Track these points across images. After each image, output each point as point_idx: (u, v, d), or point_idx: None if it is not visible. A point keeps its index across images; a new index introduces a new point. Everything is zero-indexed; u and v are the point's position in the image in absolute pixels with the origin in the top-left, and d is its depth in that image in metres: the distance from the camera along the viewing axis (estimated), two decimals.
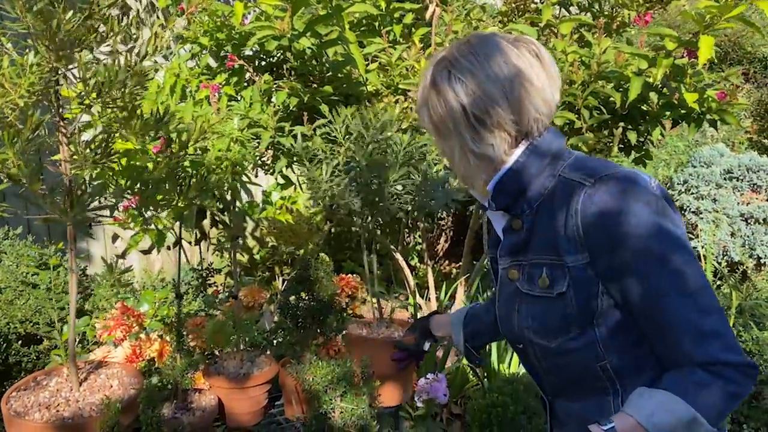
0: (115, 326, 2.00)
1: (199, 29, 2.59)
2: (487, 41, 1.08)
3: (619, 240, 0.98)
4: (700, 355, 0.95)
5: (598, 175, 1.02)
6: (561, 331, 1.07)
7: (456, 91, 1.06)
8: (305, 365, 1.66)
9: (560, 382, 1.16)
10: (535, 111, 1.06)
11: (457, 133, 1.08)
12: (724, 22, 1.87)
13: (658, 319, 0.99)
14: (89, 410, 1.46)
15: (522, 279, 1.11)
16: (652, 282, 0.97)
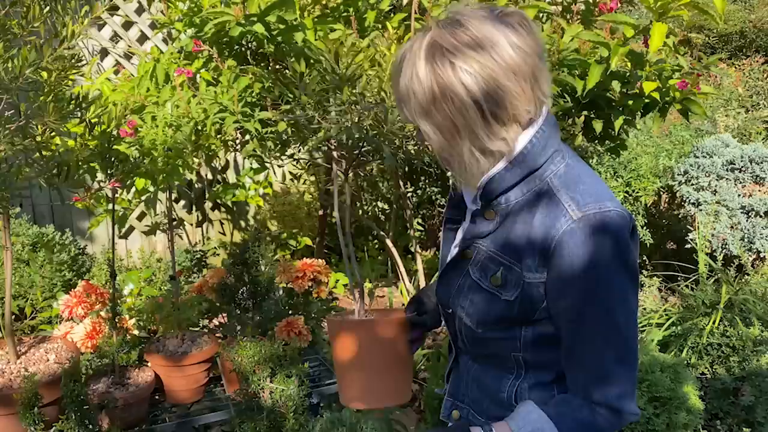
0: (77, 303, 2.07)
1: (175, 14, 2.63)
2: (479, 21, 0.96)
3: (579, 279, 0.98)
4: (596, 396, 1.01)
5: (585, 209, 0.98)
6: (492, 324, 1.09)
7: (465, 82, 0.94)
8: (235, 346, 1.70)
9: (472, 350, 1.18)
10: (543, 95, 0.99)
11: (467, 131, 0.98)
12: (678, 10, 1.82)
13: (579, 352, 1.03)
14: (20, 382, 1.53)
15: (474, 264, 1.10)
16: (589, 325, 1.01)
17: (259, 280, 1.82)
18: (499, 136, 0.98)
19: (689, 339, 3.22)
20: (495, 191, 1.03)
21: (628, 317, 1.01)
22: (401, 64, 1.00)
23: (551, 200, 1.00)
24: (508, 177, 1.02)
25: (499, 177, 1.02)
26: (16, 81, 1.30)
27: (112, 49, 3.97)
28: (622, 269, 0.99)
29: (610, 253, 0.97)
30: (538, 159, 1.01)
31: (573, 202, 0.98)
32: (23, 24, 1.38)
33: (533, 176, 1.02)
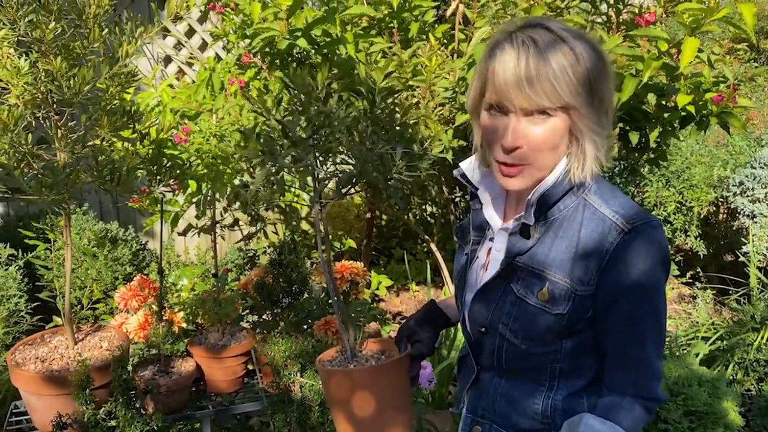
0: (132, 296, 2.24)
1: (230, 26, 2.79)
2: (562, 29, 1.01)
3: (632, 288, 1.05)
4: (646, 391, 1.08)
5: (633, 222, 1.04)
6: (538, 339, 1.12)
7: (588, 62, 0.99)
8: (269, 341, 1.82)
9: (504, 366, 1.18)
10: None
11: (609, 113, 1.05)
12: (709, 25, 1.83)
13: (630, 353, 1.09)
14: (75, 366, 1.69)
15: (515, 281, 1.12)
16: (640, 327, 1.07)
17: (293, 280, 1.94)
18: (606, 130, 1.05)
19: (736, 354, 3.16)
20: (546, 204, 1.07)
21: (662, 316, 1.09)
22: (543, 47, 0.99)
23: (594, 214, 1.06)
24: (556, 191, 1.06)
25: (552, 190, 1.05)
26: (77, 96, 1.46)
27: (176, 56, 4.20)
28: (664, 273, 1.07)
29: (659, 259, 1.05)
30: (575, 180, 1.05)
31: (619, 216, 1.04)
32: (85, 44, 1.54)
33: (570, 192, 1.07)
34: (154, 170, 1.68)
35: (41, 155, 1.58)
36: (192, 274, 3.39)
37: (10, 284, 2.84)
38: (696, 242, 4.22)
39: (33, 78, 1.52)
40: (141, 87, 3.86)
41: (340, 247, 4.33)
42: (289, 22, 2.25)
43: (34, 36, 1.45)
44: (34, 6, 1.44)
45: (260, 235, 4.78)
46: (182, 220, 4.57)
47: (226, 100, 2.57)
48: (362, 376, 1.21)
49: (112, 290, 3.50)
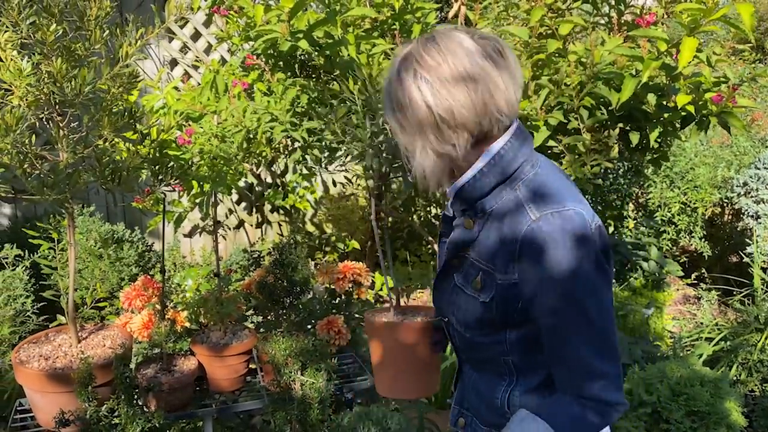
0: (136, 296, 2.26)
1: (234, 29, 2.82)
2: (452, 38, 1.08)
3: (547, 278, 1.06)
4: (582, 390, 1.07)
5: (544, 210, 1.06)
6: (477, 328, 1.18)
7: (421, 89, 1.06)
8: (270, 340, 1.84)
9: (468, 356, 1.28)
10: (498, 112, 1.08)
11: (420, 131, 1.09)
12: (708, 25, 1.83)
13: (559, 350, 1.10)
14: (78, 363, 1.71)
15: (459, 272, 1.20)
16: (562, 321, 1.07)
17: (295, 280, 1.96)
18: (449, 141, 1.08)
19: (739, 355, 3.15)
20: (470, 197, 1.13)
21: (600, 310, 1.06)
22: (389, 67, 1.14)
23: (517, 205, 1.09)
24: (480, 184, 1.11)
25: (471, 183, 1.11)
26: (78, 97, 1.48)
27: (181, 59, 4.23)
28: (585, 264, 1.04)
29: (570, 248, 1.04)
30: (508, 168, 1.10)
31: (534, 205, 1.07)
32: (86, 46, 1.57)
33: (505, 184, 1.11)
34: (156, 170, 1.70)
35: (45, 156, 1.60)
36: (197, 275, 3.41)
37: (16, 284, 2.88)
38: (700, 243, 4.21)
39: (36, 79, 1.54)
40: (147, 90, 3.89)
41: (344, 248, 4.35)
42: (291, 24, 2.27)
43: (37, 38, 1.48)
44: (36, 8, 1.46)
45: (265, 237, 4.81)
46: (188, 221, 4.61)
47: (229, 102, 2.59)
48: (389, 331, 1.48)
49: (118, 291, 3.53)
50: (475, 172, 1.11)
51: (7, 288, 2.76)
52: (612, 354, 1.08)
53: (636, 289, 3.88)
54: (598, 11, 2.64)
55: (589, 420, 1.06)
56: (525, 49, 2.29)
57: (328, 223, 4.91)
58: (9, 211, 4.03)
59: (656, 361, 2.89)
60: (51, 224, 2.30)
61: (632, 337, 3.40)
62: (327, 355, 1.83)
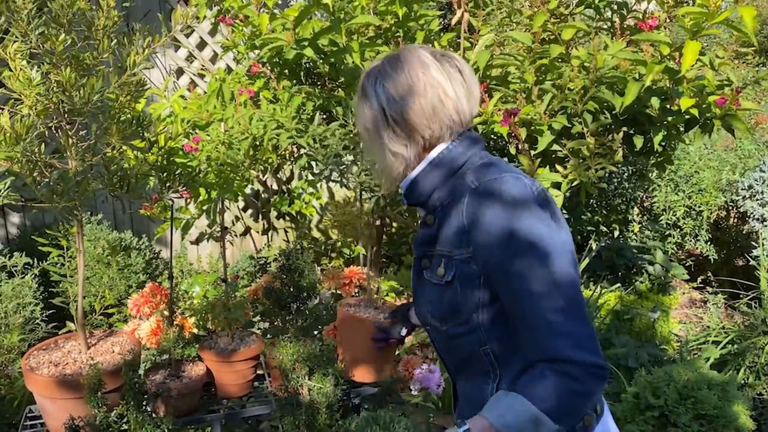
0: (144, 303, 2.27)
1: (239, 37, 2.84)
2: (413, 54, 1.22)
3: (493, 240, 1.09)
4: (548, 352, 1.04)
5: (484, 178, 1.14)
6: (450, 317, 1.20)
7: (378, 94, 1.21)
8: (277, 345, 1.85)
9: (453, 364, 1.29)
10: (448, 120, 1.19)
11: (378, 134, 1.23)
12: (710, 29, 1.84)
13: (519, 315, 1.09)
14: (88, 369, 1.73)
15: (429, 269, 1.24)
16: (515, 281, 1.08)
17: (302, 285, 1.97)
18: (401, 142, 1.21)
19: (747, 358, 3.15)
20: (420, 192, 1.23)
21: (553, 267, 1.06)
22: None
23: (464, 188, 1.17)
24: (428, 178, 1.21)
25: (418, 178, 1.22)
26: (87, 106, 1.50)
27: (187, 68, 4.26)
28: (527, 219, 1.08)
29: (509, 206, 1.09)
30: (455, 162, 1.20)
31: (474, 178, 1.16)
32: (94, 55, 1.59)
33: (455, 177, 1.19)
34: (163, 177, 1.72)
35: (54, 164, 1.62)
36: (204, 282, 3.43)
37: (25, 292, 2.90)
38: (706, 246, 4.21)
39: (45, 89, 1.56)
40: (154, 98, 3.92)
41: (349, 253, 4.36)
42: (296, 32, 2.30)
43: (45, 48, 1.50)
44: (45, 19, 1.48)
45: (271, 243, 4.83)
46: (194, 228, 4.63)
47: (235, 110, 2.62)
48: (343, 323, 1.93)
49: (126, 298, 3.55)
50: (420, 169, 1.22)
51: (17, 296, 2.78)
52: (574, 312, 1.04)
53: (642, 293, 3.87)
54: (601, 16, 2.65)
55: (565, 385, 1.01)
56: (528, 55, 2.30)
57: (333, 228, 4.93)
58: (18, 219, 4.06)
59: (663, 365, 2.89)
60: (60, 232, 2.32)
61: (638, 340, 3.40)
62: (334, 360, 1.84)
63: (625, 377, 2.95)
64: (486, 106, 2.24)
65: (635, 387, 2.57)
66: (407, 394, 2.64)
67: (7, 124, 1.42)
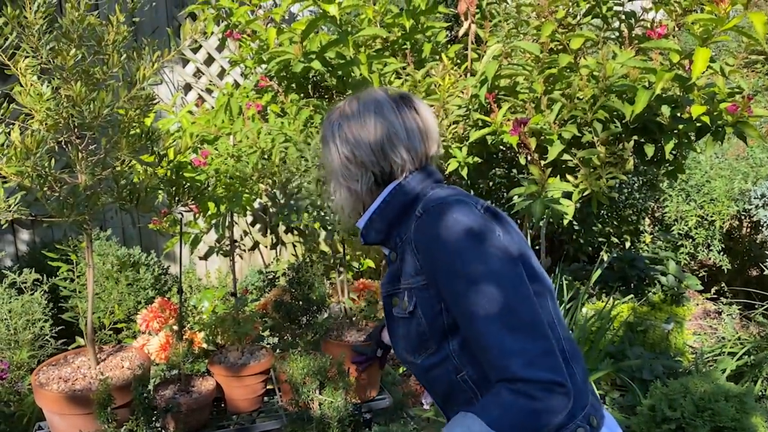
0: (153, 318, 2.26)
1: (246, 52, 2.85)
2: (371, 97, 1.27)
3: (439, 263, 1.10)
4: (502, 372, 1.01)
5: (428, 205, 1.16)
6: (421, 348, 1.19)
7: (334, 135, 1.26)
8: (288, 359, 1.83)
9: (439, 396, 1.26)
10: (399, 158, 1.23)
11: (332, 169, 1.28)
12: (720, 35, 1.83)
13: (473, 336, 1.07)
14: (98, 385, 1.72)
15: (397, 305, 1.24)
16: (464, 304, 1.06)
17: (311, 299, 1.95)
18: (354, 178, 1.25)
19: (764, 370, 3.09)
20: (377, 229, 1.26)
21: (502, 286, 1.04)
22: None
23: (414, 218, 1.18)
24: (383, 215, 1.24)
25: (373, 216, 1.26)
26: (96, 120, 1.50)
27: (195, 84, 4.29)
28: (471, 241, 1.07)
29: (451, 228, 1.09)
30: (408, 196, 1.22)
31: (420, 206, 1.17)
32: (104, 69, 1.59)
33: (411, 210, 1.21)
34: (172, 191, 1.71)
35: (64, 178, 1.62)
36: (213, 297, 3.42)
37: (35, 309, 2.90)
38: (719, 257, 4.16)
39: (55, 103, 1.56)
40: (162, 114, 3.94)
41: (358, 266, 4.34)
42: (304, 46, 2.30)
43: (56, 63, 1.50)
44: (55, 34, 1.49)
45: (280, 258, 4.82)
46: (203, 244, 4.63)
47: (244, 124, 2.62)
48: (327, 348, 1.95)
49: (135, 314, 3.54)
50: (375, 207, 1.25)
51: (26, 312, 2.77)
52: (527, 329, 1.02)
53: (655, 304, 3.83)
54: (609, 26, 2.65)
55: (520, 404, 0.99)
56: (536, 64, 2.30)
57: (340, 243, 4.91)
58: (27, 236, 4.07)
59: (678, 377, 2.84)
60: (69, 246, 2.31)
61: (653, 352, 3.36)
62: (345, 373, 1.82)
63: (640, 389, 2.91)
64: (495, 116, 2.23)
65: (651, 399, 2.53)
66: (418, 408, 2.61)
67: (18, 139, 1.42)
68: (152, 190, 1.61)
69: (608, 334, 3.30)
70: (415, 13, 2.64)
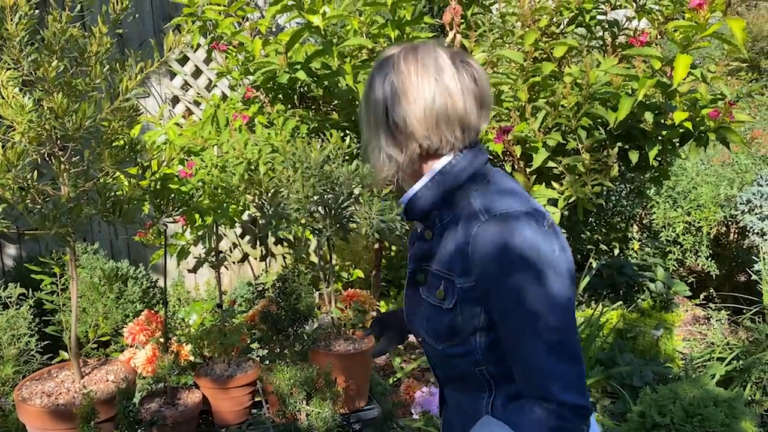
0: (139, 331, 2.24)
1: (233, 63, 2.86)
2: (430, 55, 1.12)
3: (493, 276, 1.07)
4: (541, 391, 1.05)
5: (494, 211, 1.09)
6: (447, 338, 1.17)
7: (385, 91, 1.13)
8: (274, 370, 1.82)
9: (446, 375, 1.27)
10: (451, 134, 1.12)
11: (375, 129, 1.16)
12: (700, 42, 1.85)
13: (516, 352, 1.09)
14: (81, 399, 1.70)
15: (424, 285, 1.21)
16: (512, 321, 1.07)
17: (298, 309, 1.94)
18: (396, 145, 1.15)
19: (753, 374, 3.10)
20: (420, 209, 1.17)
21: (553, 308, 1.04)
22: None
23: (470, 212, 1.12)
24: (429, 194, 1.15)
25: (419, 194, 1.17)
26: (79, 131, 1.50)
27: (183, 96, 4.28)
28: (534, 262, 1.05)
29: (518, 248, 1.05)
30: (459, 178, 1.14)
31: (484, 208, 1.10)
32: (87, 81, 1.59)
33: (458, 195, 1.15)
34: (157, 202, 1.71)
35: (47, 191, 1.61)
36: (201, 310, 3.40)
37: (20, 323, 2.87)
38: (707, 262, 4.18)
39: (37, 115, 1.56)
40: (149, 126, 3.93)
41: (348, 277, 4.34)
42: (289, 56, 2.31)
43: (38, 75, 1.50)
44: (37, 46, 1.49)
45: (269, 269, 4.80)
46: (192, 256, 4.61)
47: (230, 135, 2.62)
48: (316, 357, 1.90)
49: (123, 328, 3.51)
50: (421, 186, 1.16)
51: (11, 327, 2.75)
52: (569, 355, 1.05)
53: (644, 311, 3.84)
54: (593, 34, 2.67)
55: (551, 423, 1.03)
56: (520, 73, 2.31)
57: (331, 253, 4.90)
58: (14, 251, 4.04)
59: (668, 383, 2.85)
60: (53, 259, 2.30)
61: (642, 358, 3.36)
62: (332, 383, 1.81)
63: (630, 396, 2.91)
64: None
65: (641, 406, 2.53)
66: (408, 418, 2.59)
67: None
68: (136, 201, 1.60)
69: (598, 341, 3.31)
70: (401, 23, 2.65)
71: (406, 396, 2.87)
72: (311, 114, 2.56)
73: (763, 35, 8.49)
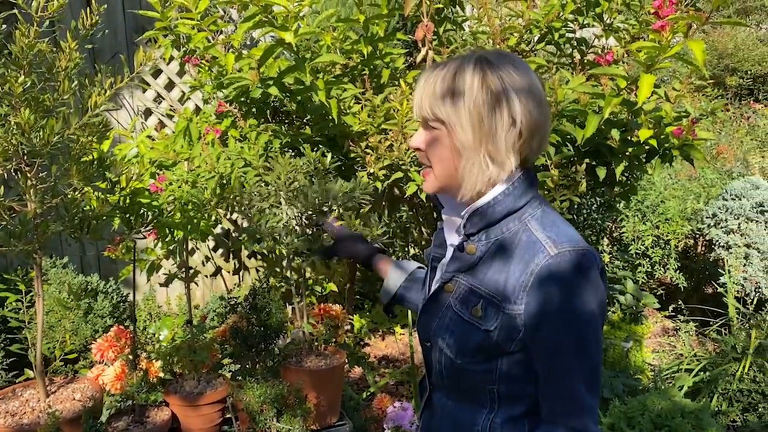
0: (108, 347, 2.21)
1: (206, 77, 2.85)
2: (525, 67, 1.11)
3: (554, 313, 1.08)
4: (571, 421, 1.10)
5: (562, 246, 1.08)
6: (471, 354, 1.16)
7: (503, 103, 1.07)
8: (245, 386, 1.81)
9: (448, 384, 1.24)
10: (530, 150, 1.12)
11: (491, 135, 1.08)
12: (663, 62, 1.90)
13: (555, 383, 1.12)
14: (46, 419, 1.67)
15: (455, 296, 1.18)
16: (563, 356, 1.10)
17: (269, 324, 1.94)
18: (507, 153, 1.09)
19: (719, 385, 3.16)
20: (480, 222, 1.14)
21: (598, 348, 1.11)
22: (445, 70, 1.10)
23: (530, 239, 1.11)
24: (493, 210, 1.12)
25: (485, 208, 1.12)
26: (46, 147, 1.48)
27: (155, 108, 4.26)
28: (593, 303, 1.08)
29: (584, 287, 1.07)
30: (518, 201, 1.12)
31: (550, 240, 1.09)
32: (55, 97, 1.58)
33: (513, 217, 1.13)
34: (127, 218, 1.69)
35: (12, 207, 1.59)
36: (172, 325, 3.36)
37: None
38: (676, 275, 4.26)
39: (3, 131, 1.54)
40: (121, 139, 3.89)
41: (321, 290, 4.33)
42: (261, 72, 2.31)
43: (4, 89, 1.48)
44: (3, 60, 1.47)
45: (243, 283, 4.77)
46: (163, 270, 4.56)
47: (202, 149, 2.60)
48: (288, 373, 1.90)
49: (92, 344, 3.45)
50: (490, 198, 1.12)
51: None
52: (598, 389, 1.12)
53: (614, 323, 3.89)
54: (562, 52, 2.72)
55: None
56: None
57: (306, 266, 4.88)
58: None
59: (637, 395, 2.89)
60: (18, 276, 2.26)
61: (613, 370, 3.40)
62: (303, 400, 1.81)
63: (601, 408, 2.94)
64: None
65: (610, 418, 2.56)
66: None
67: None
68: (104, 217, 1.59)
69: None
70: (374, 39, 2.67)
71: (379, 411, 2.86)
72: (284, 129, 2.56)
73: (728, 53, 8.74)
